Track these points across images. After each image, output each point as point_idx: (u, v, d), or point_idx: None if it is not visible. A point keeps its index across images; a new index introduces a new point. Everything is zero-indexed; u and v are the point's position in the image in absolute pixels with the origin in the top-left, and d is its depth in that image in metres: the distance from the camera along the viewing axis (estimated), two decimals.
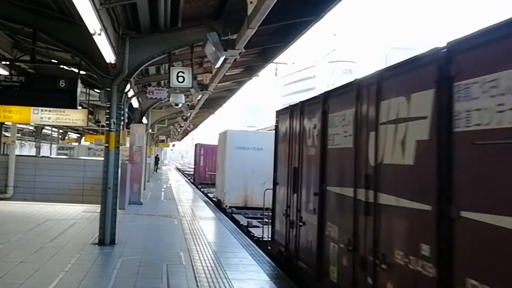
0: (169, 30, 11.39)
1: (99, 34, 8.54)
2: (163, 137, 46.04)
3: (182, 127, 42.37)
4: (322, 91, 8.44)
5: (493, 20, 4.14)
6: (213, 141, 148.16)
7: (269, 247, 11.48)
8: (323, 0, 10.01)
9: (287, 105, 10.16)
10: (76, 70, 13.06)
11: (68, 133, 43.09)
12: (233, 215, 18.70)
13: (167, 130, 39.73)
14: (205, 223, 15.53)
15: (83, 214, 15.68)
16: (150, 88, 15.76)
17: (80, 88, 11.83)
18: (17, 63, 13.56)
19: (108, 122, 11.11)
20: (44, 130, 38.06)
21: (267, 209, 12.58)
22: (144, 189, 23.49)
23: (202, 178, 39.94)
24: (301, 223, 8.75)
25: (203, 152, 41.36)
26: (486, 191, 3.99)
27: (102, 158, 11.53)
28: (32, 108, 13.27)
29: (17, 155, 18.83)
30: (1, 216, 14.62)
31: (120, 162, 11.42)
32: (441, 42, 4.81)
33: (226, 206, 20.78)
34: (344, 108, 7.02)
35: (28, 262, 9.12)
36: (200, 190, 29.40)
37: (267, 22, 9.05)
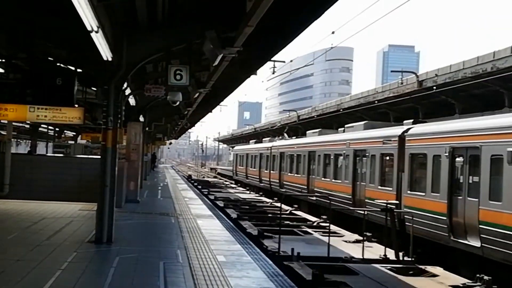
0: (167, 27, 11.35)
1: (97, 32, 8.53)
2: (160, 135, 45.95)
3: (179, 125, 42.35)
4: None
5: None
6: (211, 141, 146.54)
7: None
8: None
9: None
10: (73, 68, 13.04)
11: (65, 131, 42.93)
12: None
13: (164, 128, 39.68)
14: (202, 221, 15.51)
15: (79, 212, 15.63)
16: (147, 86, 15.72)
17: (76, 85, 11.79)
18: (13, 61, 13.51)
19: (105, 120, 11.05)
20: (40, 128, 37.92)
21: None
22: (141, 187, 23.45)
23: None
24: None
25: None
26: None
27: (99, 156, 11.49)
28: (28, 106, 13.19)
29: (13, 153, 18.77)
30: None
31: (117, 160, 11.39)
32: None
33: None
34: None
35: (24, 260, 9.08)
36: None
37: (266, 19, 9.04)
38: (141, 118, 22.25)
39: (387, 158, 17.95)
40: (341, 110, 32.69)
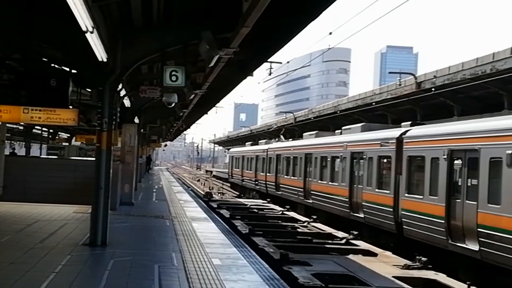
0: (162, 28, 11.26)
1: (91, 32, 8.45)
2: (155, 137, 45.82)
3: (175, 126, 42.23)
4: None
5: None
6: (206, 143, 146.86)
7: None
8: None
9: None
10: (67, 69, 12.93)
11: (59, 132, 42.77)
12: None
13: (159, 130, 39.56)
14: (197, 223, 15.40)
15: (74, 214, 15.51)
16: (142, 87, 15.62)
17: (71, 87, 11.67)
18: (7, 62, 13.39)
19: (99, 121, 10.95)
20: (34, 130, 37.78)
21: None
22: (136, 189, 23.31)
23: None
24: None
25: None
26: None
27: (94, 159, 11.38)
28: (22, 107, 13.05)
29: (6, 155, 18.61)
30: None
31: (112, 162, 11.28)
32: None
33: None
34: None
35: (18, 263, 8.99)
36: None
37: (262, 20, 8.95)
38: (136, 120, 22.11)
39: (385, 160, 17.86)
40: (338, 112, 32.59)
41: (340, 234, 16.51)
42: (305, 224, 19.24)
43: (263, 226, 17.87)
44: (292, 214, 22.79)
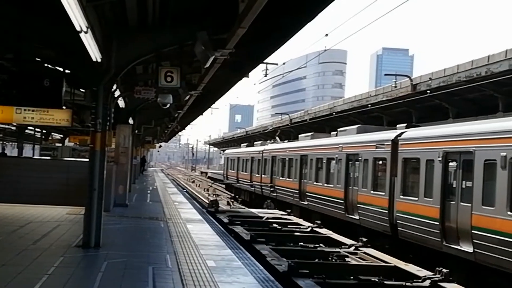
0: (157, 28, 11.22)
1: (86, 32, 8.41)
2: (149, 138, 45.68)
3: (169, 127, 42.15)
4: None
5: None
6: (201, 144, 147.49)
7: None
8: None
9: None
10: (61, 69, 12.86)
11: (52, 133, 42.61)
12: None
13: (154, 131, 39.47)
14: (192, 225, 15.34)
15: (67, 216, 15.42)
16: (137, 88, 15.56)
17: (65, 87, 11.60)
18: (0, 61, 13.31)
19: (93, 122, 10.88)
20: (26, 130, 37.59)
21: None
22: (130, 191, 23.23)
23: None
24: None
25: None
26: None
27: (87, 160, 11.33)
28: (14, 107, 12.98)
29: None
30: None
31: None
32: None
33: None
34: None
35: (10, 265, 8.92)
36: None
37: (258, 21, 8.90)
38: (131, 121, 22.04)
39: (380, 162, 17.84)
40: (334, 113, 32.59)
41: (413, 268, 11.87)
42: (351, 249, 14.20)
43: (299, 255, 13.26)
44: (325, 231, 17.06)
